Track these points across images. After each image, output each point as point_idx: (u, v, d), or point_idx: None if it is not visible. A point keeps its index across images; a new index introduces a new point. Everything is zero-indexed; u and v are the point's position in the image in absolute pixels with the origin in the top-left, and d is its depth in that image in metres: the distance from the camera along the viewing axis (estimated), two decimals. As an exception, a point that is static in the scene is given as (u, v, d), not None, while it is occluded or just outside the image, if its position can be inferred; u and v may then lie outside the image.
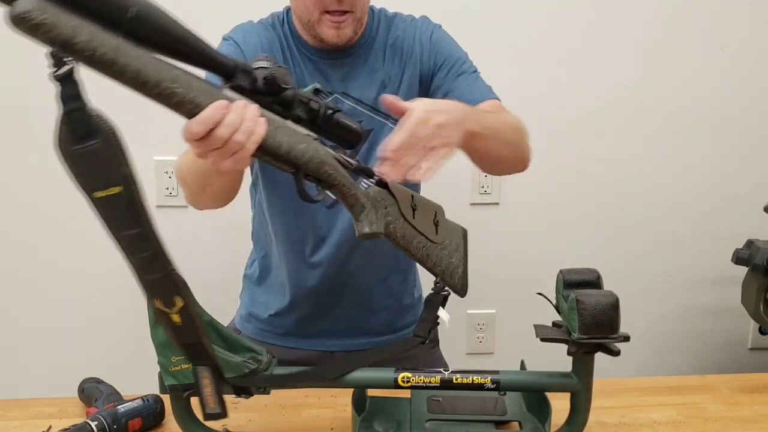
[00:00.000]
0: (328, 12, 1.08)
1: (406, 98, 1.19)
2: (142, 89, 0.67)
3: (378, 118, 1.19)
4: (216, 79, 0.76)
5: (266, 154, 0.79)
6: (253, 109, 0.74)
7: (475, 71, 1.21)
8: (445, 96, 1.17)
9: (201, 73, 0.74)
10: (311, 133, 0.83)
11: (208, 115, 0.70)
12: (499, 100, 1.18)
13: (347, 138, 0.86)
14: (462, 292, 1.00)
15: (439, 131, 0.86)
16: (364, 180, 0.94)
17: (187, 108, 0.70)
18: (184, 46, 0.71)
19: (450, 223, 1.00)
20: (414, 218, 0.92)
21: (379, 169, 0.85)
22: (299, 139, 0.80)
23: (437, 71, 1.19)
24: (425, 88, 1.21)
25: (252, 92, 0.77)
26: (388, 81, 1.19)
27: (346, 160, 0.85)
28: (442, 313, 0.95)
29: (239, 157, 0.74)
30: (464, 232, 1.03)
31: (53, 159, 0.66)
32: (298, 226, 1.22)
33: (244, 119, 0.72)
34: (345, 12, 1.08)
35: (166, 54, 0.70)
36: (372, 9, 1.22)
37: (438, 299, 0.96)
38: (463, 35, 1.32)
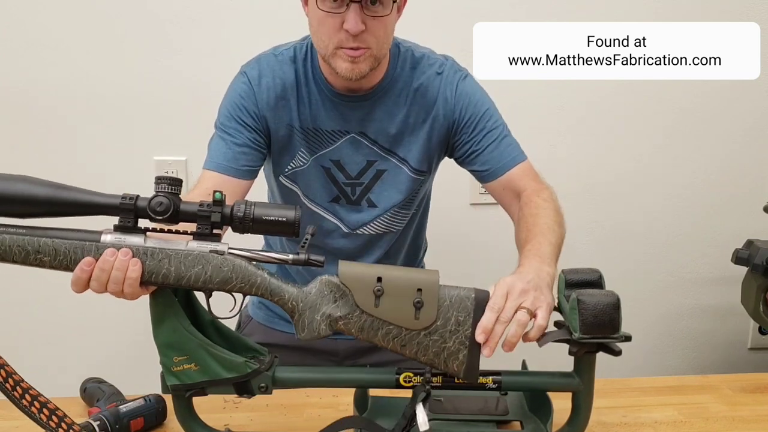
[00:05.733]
0: (344, 47, 1.05)
1: (428, 144, 1.18)
2: (14, 264, 0.79)
3: (392, 160, 1.19)
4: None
5: (155, 284, 0.82)
6: (122, 254, 0.80)
7: (502, 128, 1.18)
8: (472, 155, 1.17)
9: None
10: (219, 247, 0.82)
11: (76, 277, 0.80)
12: (526, 159, 1.18)
13: (280, 230, 0.81)
14: (467, 376, 0.85)
15: (523, 297, 0.86)
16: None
17: (62, 269, 0.80)
18: (56, 206, 0.78)
19: (451, 293, 0.85)
20: (378, 306, 0.83)
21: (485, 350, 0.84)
22: (193, 262, 0.81)
23: (462, 127, 1.17)
24: (448, 141, 1.19)
25: (150, 217, 0.79)
26: (410, 123, 1.17)
27: (275, 259, 0.84)
28: (420, 412, 0.85)
29: (128, 294, 0.81)
30: (478, 297, 0.85)
31: (56, 161, 0.66)
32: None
33: (113, 268, 0.79)
34: (361, 47, 1.05)
35: (41, 216, 0.78)
36: (398, 47, 1.18)
37: (418, 394, 0.87)
38: (464, 37, 1.32)
